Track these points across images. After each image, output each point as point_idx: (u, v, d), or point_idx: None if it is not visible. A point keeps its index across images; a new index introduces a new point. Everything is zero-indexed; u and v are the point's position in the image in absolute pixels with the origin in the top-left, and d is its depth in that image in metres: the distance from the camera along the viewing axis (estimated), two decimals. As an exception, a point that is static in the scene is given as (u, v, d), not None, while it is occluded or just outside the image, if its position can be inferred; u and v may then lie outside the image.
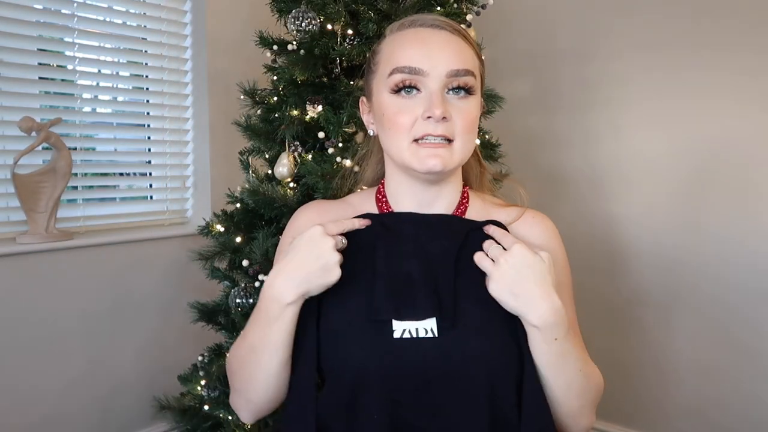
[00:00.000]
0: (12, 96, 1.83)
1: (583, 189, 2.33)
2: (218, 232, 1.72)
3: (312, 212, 0.93)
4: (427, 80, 0.80)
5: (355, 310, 0.80)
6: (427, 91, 0.80)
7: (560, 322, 0.77)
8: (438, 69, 0.80)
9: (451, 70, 0.80)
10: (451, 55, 0.81)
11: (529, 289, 0.76)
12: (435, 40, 0.82)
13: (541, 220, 0.92)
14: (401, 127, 0.81)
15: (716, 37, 1.99)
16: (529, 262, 0.77)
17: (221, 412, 1.70)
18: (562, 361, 0.79)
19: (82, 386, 1.96)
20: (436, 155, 0.79)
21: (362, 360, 0.77)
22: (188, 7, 2.20)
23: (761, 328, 1.98)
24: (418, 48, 0.81)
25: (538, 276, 0.77)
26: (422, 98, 0.80)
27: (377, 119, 0.86)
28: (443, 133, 0.79)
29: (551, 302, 0.77)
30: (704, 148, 2.05)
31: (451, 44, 0.82)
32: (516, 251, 0.78)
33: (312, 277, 0.77)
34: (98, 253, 1.97)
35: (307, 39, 1.55)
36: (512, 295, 0.77)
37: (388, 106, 0.82)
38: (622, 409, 2.24)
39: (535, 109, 2.42)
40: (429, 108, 0.79)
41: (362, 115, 0.92)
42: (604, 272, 2.27)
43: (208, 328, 1.82)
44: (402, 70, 0.80)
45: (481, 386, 0.77)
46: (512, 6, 2.38)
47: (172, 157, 2.24)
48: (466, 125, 0.81)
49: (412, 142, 0.80)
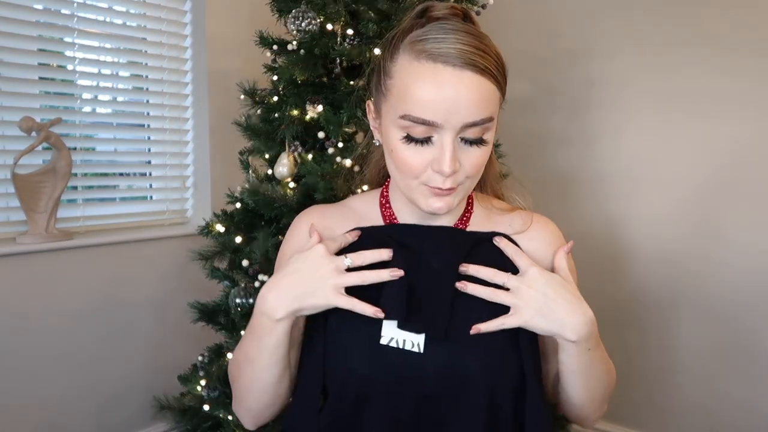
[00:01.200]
0: (12, 96, 1.83)
1: (583, 189, 2.33)
2: (218, 232, 1.72)
3: (313, 218, 0.89)
4: (440, 130, 0.73)
5: (358, 322, 0.78)
6: (440, 141, 0.74)
7: (594, 330, 0.77)
8: (452, 122, 0.72)
9: (468, 123, 0.72)
10: (470, 104, 0.72)
11: (559, 307, 0.76)
12: (452, 86, 0.71)
13: (544, 227, 0.89)
14: (411, 172, 0.76)
15: (717, 35, 1.99)
16: (550, 282, 0.77)
17: (221, 412, 1.70)
18: (592, 368, 0.80)
19: (82, 386, 1.96)
20: (442, 201, 0.77)
21: (357, 367, 0.77)
22: (188, 7, 2.20)
23: (761, 329, 1.98)
24: (432, 94, 0.71)
25: (564, 292, 0.77)
26: (433, 147, 0.74)
27: (385, 144, 0.81)
28: (452, 186, 0.75)
29: (585, 315, 0.76)
30: (704, 148, 2.05)
31: (471, 89, 0.71)
32: (533, 275, 0.77)
33: (306, 297, 0.76)
34: (98, 253, 1.97)
35: (307, 39, 1.55)
36: (544, 319, 0.76)
37: (397, 146, 0.76)
38: (622, 409, 2.24)
39: (535, 109, 2.42)
40: (438, 163, 0.73)
41: (368, 117, 0.86)
42: (603, 272, 2.27)
43: (208, 328, 1.82)
44: (414, 120, 0.73)
45: (473, 405, 0.76)
46: (512, 6, 2.38)
47: (172, 157, 2.24)
48: (475, 171, 0.77)
49: (420, 184, 0.77)
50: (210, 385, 1.74)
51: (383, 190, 0.90)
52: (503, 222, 0.88)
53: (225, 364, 1.71)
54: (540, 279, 0.77)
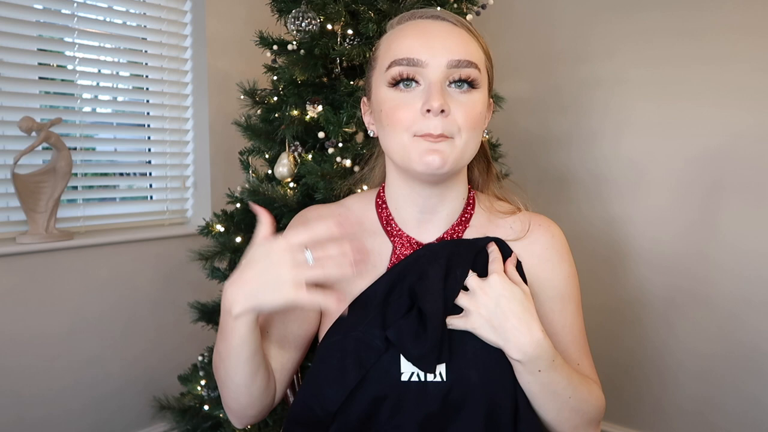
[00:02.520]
0: (12, 96, 1.83)
1: (583, 189, 2.33)
2: (218, 232, 1.72)
3: (311, 219, 0.89)
4: (426, 71, 0.75)
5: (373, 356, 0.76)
6: (426, 82, 0.75)
7: (542, 354, 0.74)
8: (437, 59, 0.75)
9: (452, 60, 0.75)
10: (453, 45, 0.76)
11: (508, 322, 0.74)
12: (435, 31, 0.77)
13: (545, 230, 0.88)
14: (400, 123, 0.75)
15: (718, 36, 1.99)
16: (506, 292, 0.75)
17: (221, 412, 1.70)
18: (547, 390, 0.77)
19: (82, 386, 1.96)
20: (436, 151, 0.74)
21: (373, 394, 0.76)
22: (188, 7, 2.20)
23: (761, 330, 1.98)
24: (416, 38, 0.76)
25: (517, 307, 0.74)
26: (421, 91, 0.75)
27: (376, 117, 0.81)
28: (443, 132, 0.74)
29: (531, 336, 0.74)
30: (705, 148, 2.05)
31: (453, 35, 0.77)
32: (492, 282, 0.76)
33: (263, 293, 0.70)
34: (98, 253, 1.97)
35: (307, 39, 1.55)
36: (491, 329, 0.74)
37: (386, 100, 0.77)
38: (622, 409, 2.24)
39: (535, 109, 2.42)
40: (427, 100, 0.73)
41: (363, 116, 0.88)
42: (603, 273, 2.27)
43: (208, 328, 1.81)
44: (400, 62, 0.75)
45: (472, 416, 0.75)
46: (512, 6, 2.39)
47: (172, 157, 2.24)
48: (469, 120, 0.75)
49: (412, 137, 0.75)
50: (210, 385, 1.74)
51: (380, 191, 0.89)
52: (504, 225, 0.87)
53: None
54: (497, 287, 0.75)
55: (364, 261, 0.78)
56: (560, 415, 0.79)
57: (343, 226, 0.71)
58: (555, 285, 0.86)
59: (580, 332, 0.87)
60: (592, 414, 0.82)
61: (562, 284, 0.86)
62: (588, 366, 0.87)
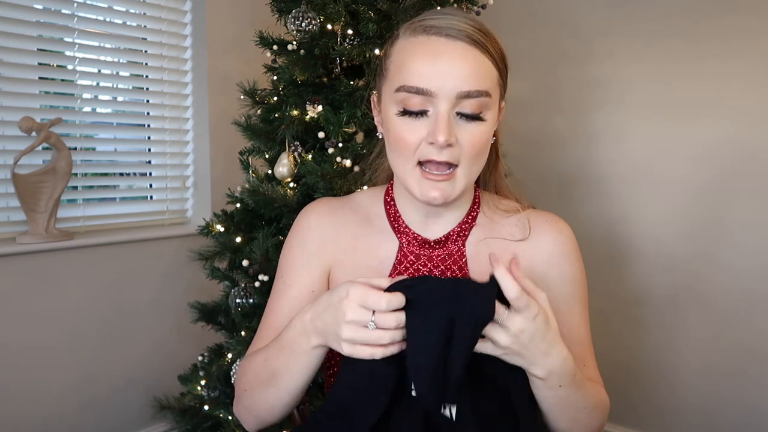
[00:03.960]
0: (12, 96, 1.83)
1: (584, 189, 2.33)
2: (218, 232, 1.72)
3: (322, 212, 0.90)
4: (435, 100, 0.74)
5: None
6: (435, 111, 0.74)
7: (567, 370, 0.72)
8: (447, 89, 0.73)
9: (462, 92, 0.73)
10: (464, 73, 0.73)
11: (534, 347, 0.69)
12: (447, 55, 0.73)
13: (552, 227, 0.87)
14: (405, 149, 0.76)
15: (718, 36, 1.99)
16: (528, 327, 0.67)
17: (221, 412, 1.70)
18: (564, 403, 0.75)
19: (82, 386, 1.96)
20: (438, 188, 0.75)
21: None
22: (188, 7, 2.20)
23: (762, 329, 1.97)
24: (427, 63, 0.74)
25: (541, 330, 0.68)
26: (428, 120, 0.75)
27: (384, 130, 0.82)
28: (447, 160, 0.74)
29: (557, 354, 0.70)
30: (705, 148, 2.05)
31: (466, 59, 0.74)
32: (512, 323, 0.67)
33: (326, 336, 0.70)
34: (98, 253, 1.97)
35: (307, 39, 1.55)
36: (519, 357, 0.70)
37: (394, 124, 0.77)
38: (623, 409, 2.23)
39: (535, 109, 2.42)
40: (433, 133, 0.73)
41: (373, 112, 0.87)
42: (604, 272, 2.27)
43: (208, 328, 1.82)
44: (409, 89, 0.74)
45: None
46: (512, 6, 2.38)
47: (172, 157, 2.23)
48: (474, 149, 0.75)
49: (416, 166, 0.76)
50: (210, 385, 1.74)
51: (388, 188, 0.90)
52: (509, 224, 0.87)
53: (225, 364, 1.71)
54: (518, 324, 0.67)
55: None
56: (574, 424, 0.79)
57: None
58: (563, 284, 0.85)
59: (585, 332, 0.87)
60: (601, 420, 0.83)
61: (569, 283, 0.86)
62: (592, 367, 0.87)
